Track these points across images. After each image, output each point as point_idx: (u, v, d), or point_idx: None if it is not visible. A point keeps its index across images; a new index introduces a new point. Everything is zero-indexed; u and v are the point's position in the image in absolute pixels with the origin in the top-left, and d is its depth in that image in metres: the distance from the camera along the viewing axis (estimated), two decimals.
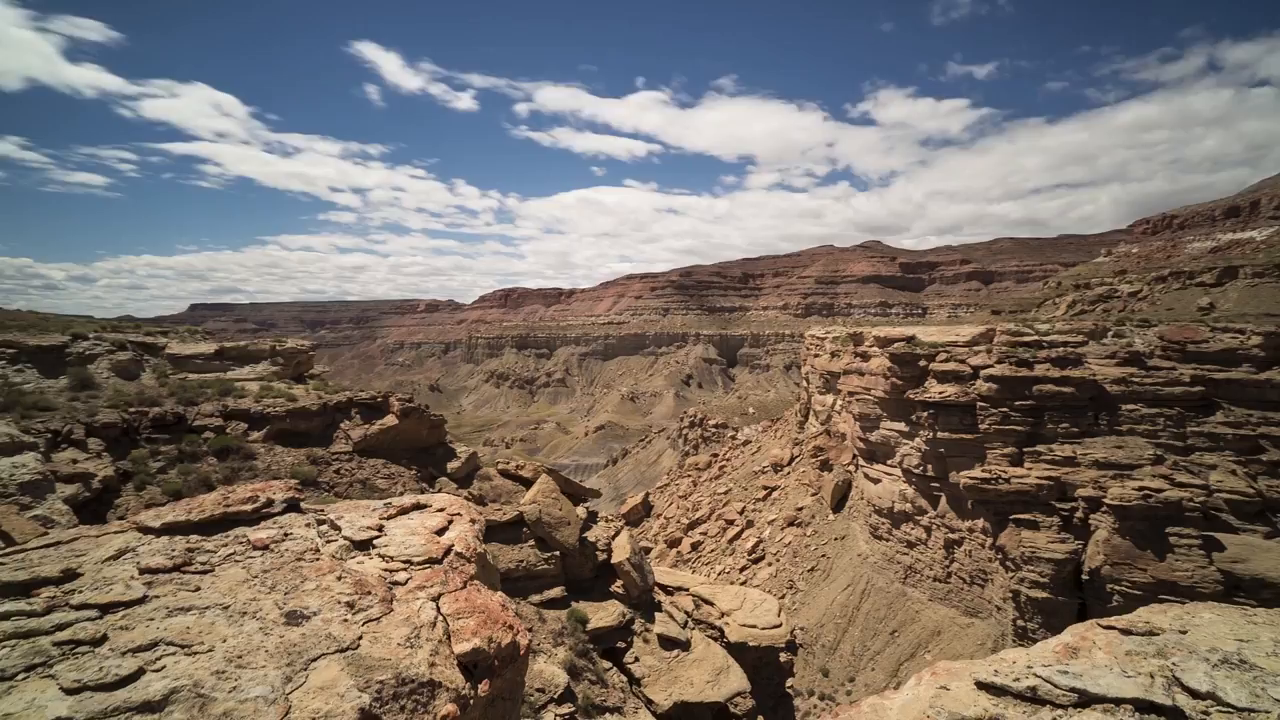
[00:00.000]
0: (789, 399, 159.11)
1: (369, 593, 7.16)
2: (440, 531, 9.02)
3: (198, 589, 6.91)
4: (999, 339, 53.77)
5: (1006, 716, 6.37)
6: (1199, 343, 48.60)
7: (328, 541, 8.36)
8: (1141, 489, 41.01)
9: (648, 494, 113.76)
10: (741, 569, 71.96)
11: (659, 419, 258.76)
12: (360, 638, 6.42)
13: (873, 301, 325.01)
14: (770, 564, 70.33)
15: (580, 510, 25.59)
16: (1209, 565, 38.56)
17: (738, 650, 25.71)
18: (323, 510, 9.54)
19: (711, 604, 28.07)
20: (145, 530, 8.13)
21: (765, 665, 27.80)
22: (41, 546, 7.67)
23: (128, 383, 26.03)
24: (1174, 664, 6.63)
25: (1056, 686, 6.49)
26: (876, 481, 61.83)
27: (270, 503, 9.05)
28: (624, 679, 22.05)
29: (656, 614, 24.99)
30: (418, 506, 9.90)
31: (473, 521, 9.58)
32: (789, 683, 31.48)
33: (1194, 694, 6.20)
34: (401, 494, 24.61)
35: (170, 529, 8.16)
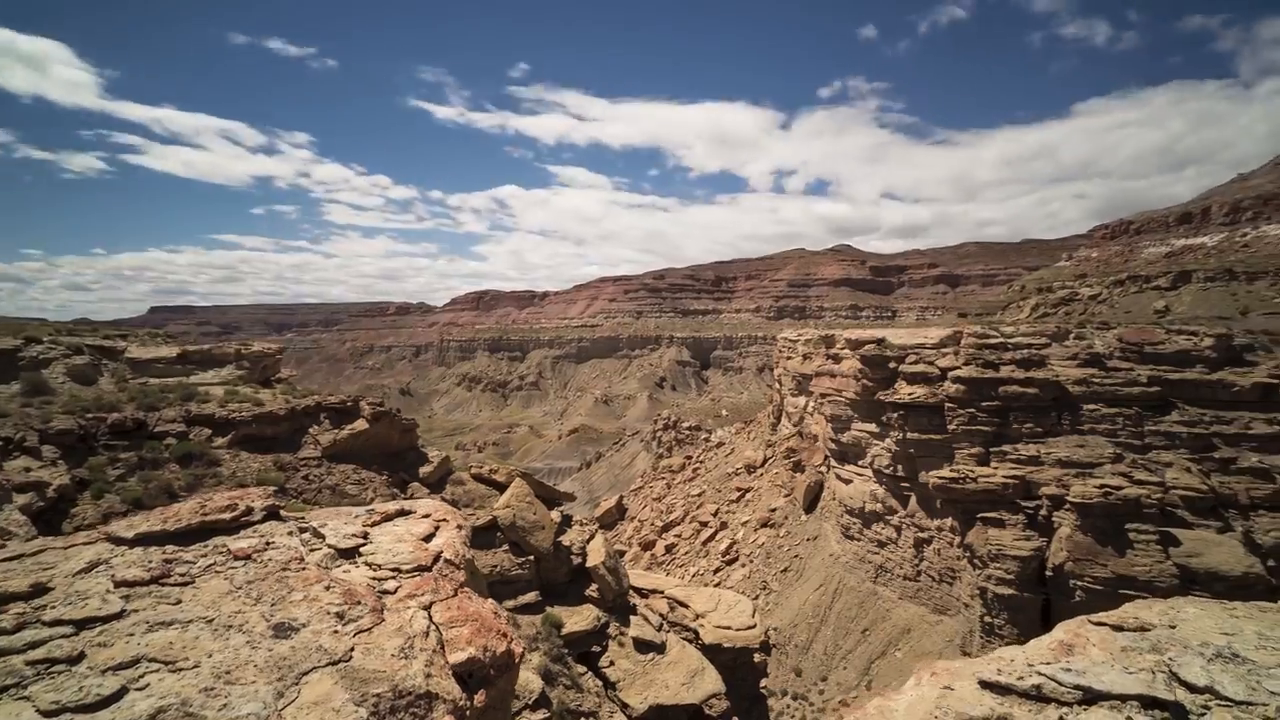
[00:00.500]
0: (762, 401, 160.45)
1: (359, 602, 7.01)
2: (428, 538, 8.90)
3: (179, 602, 6.69)
4: (966, 341, 54.98)
5: (1014, 715, 6.40)
6: (1155, 344, 50.36)
7: (312, 550, 8.18)
8: (1102, 487, 42.25)
9: (622, 497, 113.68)
10: (715, 570, 72.32)
11: (633, 422, 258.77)
12: (352, 649, 6.28)
13: (843, 304, 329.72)
14: (744, 565, 70.81)
15: (555, 514, 25.46)
16: (1166, 560, 39.88)
17: (713, 652, 25.79)
18: (304, 517, 9.32)
19: (686, 606, 28.11)
20: (118, 541, 7.84)
21: (740, 666, 27.93)
22: (4, 560, 7.35)
23: (85, 388, 25.15)
24: (1170, 659, 6.76)
25: (1061, 684, 6.54)
26: (848, 482, 62.69)
27: (250, 511, 8.80)
28: (599, 683, 21.98)
29: (632, 617, 24.96)
30: (402, 513, 9.77)
31: (459, 527, 9.47)
32: (763, 683, 31.66)
33: (1192, 688, 6.31)
34: (372, 499, 24.24)
35: (145, 539, 7.88)
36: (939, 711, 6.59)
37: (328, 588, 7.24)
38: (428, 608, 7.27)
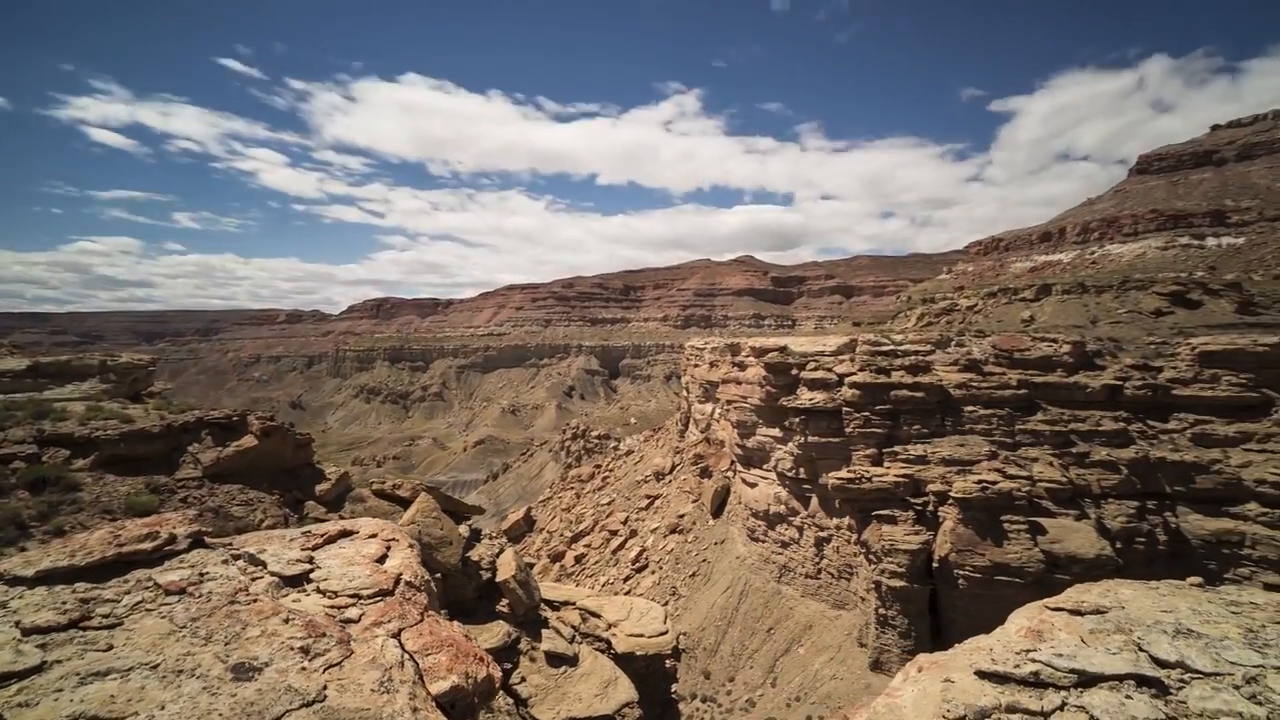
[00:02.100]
0: (670, 408, 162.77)
1: (323, 634, 6.39)
2: (381, 559, 8.30)
3: (110, 647, 5.83)
4: (861, 349, 58.15)
5: (1020, 702, 6.51)
6: (1023, 351, 55.31)
7: (254, 579, 7.41)
8: (980, 482, 45.72)
9: (530, 508, 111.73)
10: (626, 579, 72.34)
11: (541, 431, 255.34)
12: (325, 687, 5.68)
13: (747, 313, 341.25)
14: (653, 572, 71.25)
15: (463, 529, 24.48)
16: (1034, 547, 43.64)
17: (625, 660, 25.64)
18: (231, 543, 8.45)
19: (598, 616, 27.83)
20: (14, 581, 6.74)
21: (652, 673, 27.94)
22: None
23: None
24: (1139, 638, 7.14)
25: (1057, 669, 6.76)
26: (753, 486, 64.55)
27: (173, 539, 7.85)
28: (510, 701, 21.29)
29: (543, 631, 24.39)
30: (345, 533, 9.08)
31: (411, 546, 8.87)
32: (673, 688, 31.87)
33: (1164, 664, 6.69)
34: (262, 521, 22.47)
35: (49, 577, 6.84)
36: (949, 706, 6.63)
37: (286, 620, 6.58)
38: (397, 635, 6.76)
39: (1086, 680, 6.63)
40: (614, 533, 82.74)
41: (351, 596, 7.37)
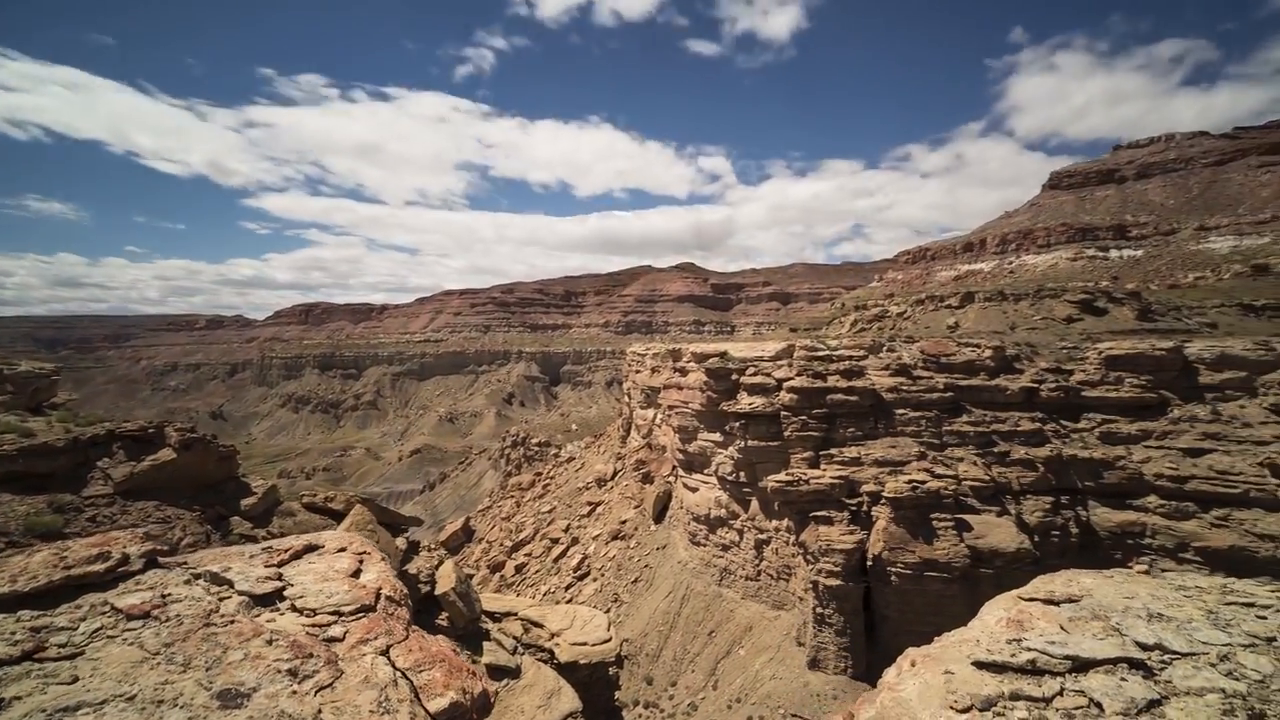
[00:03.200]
0: (611, 415, 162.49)
1: (310, 655, 6.05)
2: (356, 574, 7.93)
3: (76, 679, 5.36)
4: (798, 354, 59.57)
5: (1023, 690, 6.64)
6: (949, 355, 57.88)
7: (221, 599, 6.96)
8: (910, 482, 47.47)
9: (469, 518, 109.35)
10: (567, 587, 71.58)
11: (480, 439, 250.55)
12: (320, 711, 5.40)
13: (687, 319, 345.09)
14: (595, 579, 70.77)
15: (400, 541, 23.63)
16: (960, 543, 45.59)
17: (569, 670, 25.28)
18: (187, 562, 7.91)
19: (541, 626, 27.36)
20: None
21: (596, 682, 27.63)
22: None
23: None
24: (1116, 624, 7.44)
25: (1053, 657, 6.96)
26: (695, 490, 65.07)
27: (125, 559, 7.27)
28: None
29: (484, 644, 23.75)
30: (311, 548, 8.65)
31: (384, 559, 8.46)
32: (617, 695, 31.63)
33: (1144, 646, 7.00)
34: (182, 539, 21.18)
35: None
36: (954, 697, 6.72)
37: (270, 641, 6.21)
38: (385, 652, 6.48)
39: (1080, 666, 6.88)
40: (555, 541, 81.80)
41: (332, 614, 7.08)
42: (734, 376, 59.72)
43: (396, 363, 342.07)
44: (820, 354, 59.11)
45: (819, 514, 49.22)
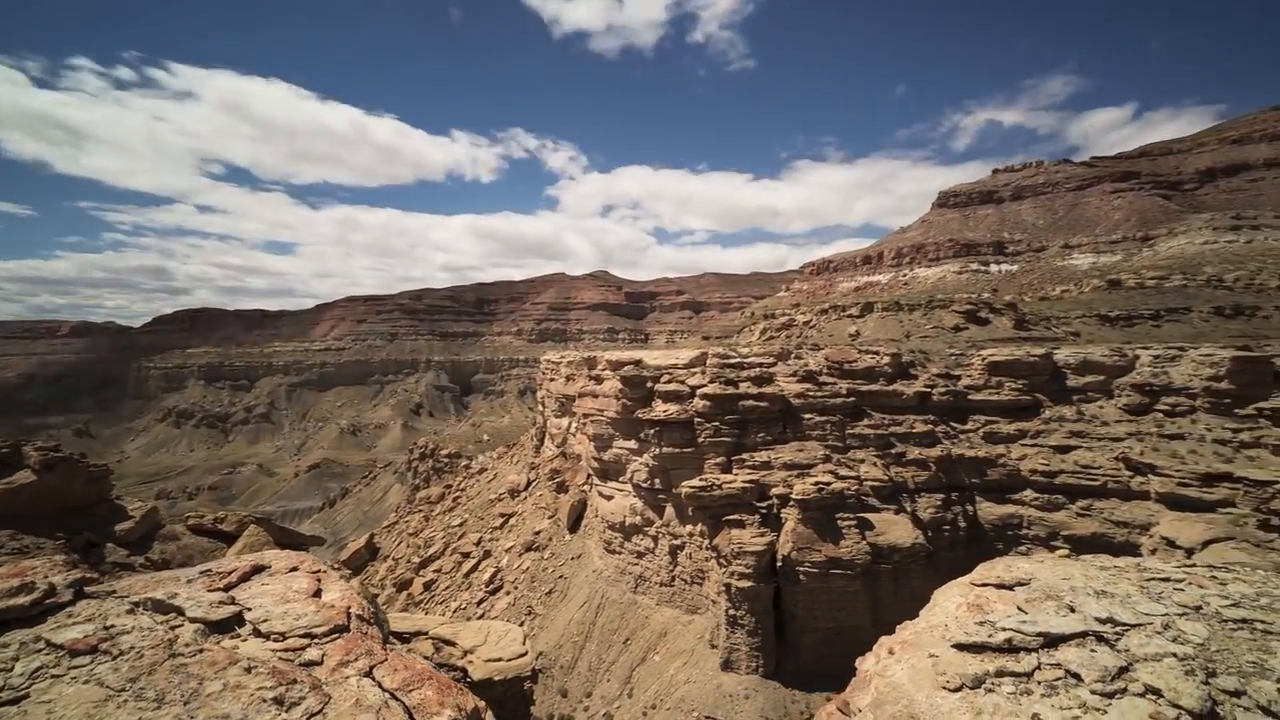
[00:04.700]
0: (525, 424, 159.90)
1: (294, 681, 5.66)
2: (317, 594, 7.52)
3: None
4: (711, 362, 60.82)
5: (1008, 667, 6.99)
6: (851, 363, 60.87)
7: (173, 628, 6.45)
8: (817, 484, 49.41)
9: (373, 535, 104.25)
10: (479, 602, 69.46)
11: (385, 452, 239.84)
12: None
13: (601, 327, 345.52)
14: (509, 592, 69.09)
15: None
16: (862, 541, 47.86)
17: (483, 688, 24.35)
18: (115, 590, 7.26)
19: (453, 644, 26.28)
20: None
21: (510, 698, 26.82)
22: None
23: None
24: (1070, 602, 7.95)
25: (1026, 635, 7.36)
26: (610, 498, 64.92)
27: (52, 589, 6.65)
28: None
29: None
30: (258, 569, 8.17)
31: (344, 577, 7.88)
32: (531, 710, 30.89)
33: (1100, 620, 7.54)
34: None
35: None
36: (946, 678, 7.01)
37: (249, 669, 5.77)
38: (370, 673, 6.15)
39: (1051, 641, 7.34)
40: (466, 555, 79.28)
41: (304, 636, 6.68)
42: (649, 384, 60.18)
43: (294, 372, 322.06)
44: (732, 362, 60.62)
45: (731, 518, 50.26)
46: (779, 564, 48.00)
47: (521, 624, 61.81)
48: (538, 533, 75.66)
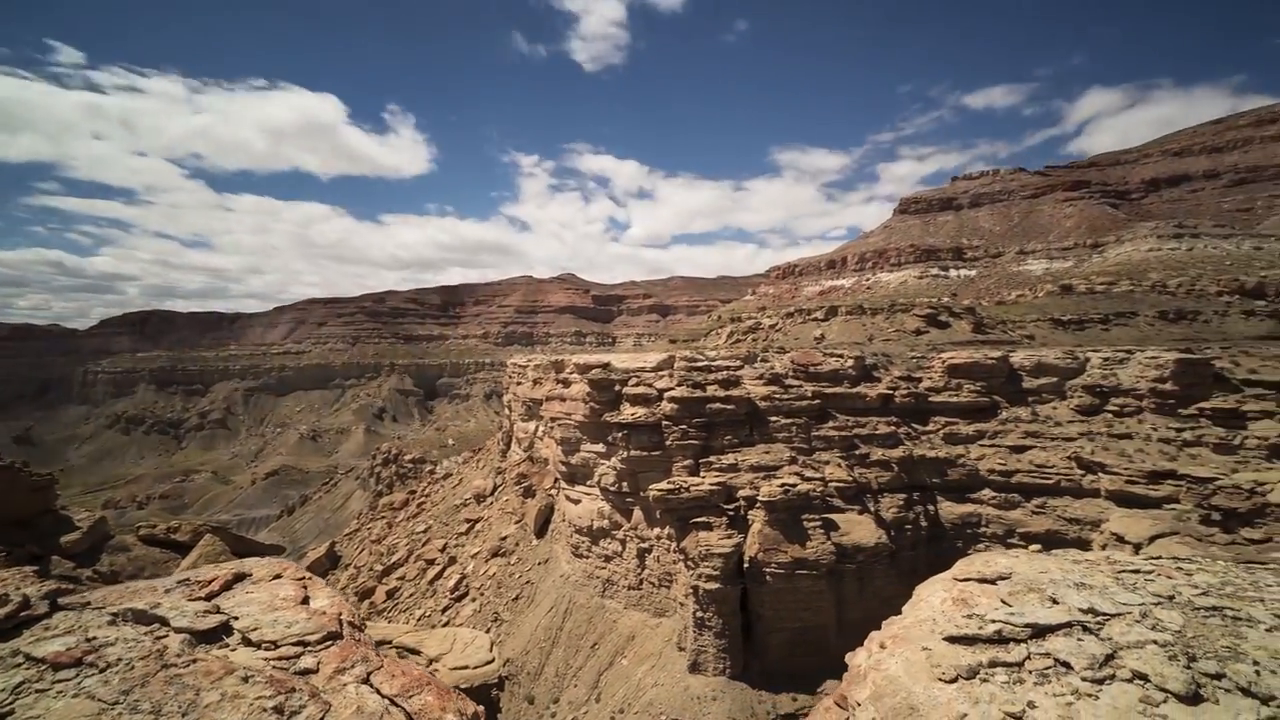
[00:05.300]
0: (491, 428, 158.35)
1: (293, 690, 5.54)
2: (305, 601, 7.36)
3: None
4: (678, 365, 61.01)
5: (1000, 657, 7.15)
6: (816, 365, 61.70)
7: (158, 639, 6.23)
8: (783, 485, 49.89)
9: (334, 543, 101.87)
10: (444, 609, 68.38)
11: (347, 458, 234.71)
12: None
13: (569, 331, 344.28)
14: (474, 599, 68.16)
15: None
16: (827, 541, 48.48)
17: None
18: (89, 602, 6.96)
19: (419, 652, 25.76)
20: None
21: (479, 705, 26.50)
22: None
23: None
24: (1051, 594, 8.13)
25: (1015, 626, 7.53)
26: (577, 502, 64.58)
27: (26, 601, 6.33)
28: None
29: None
30: (239, 577, 7.98)
31: (327, 584, 7.68)
32: (498, 718, 30.50)
33: (1082, 611, 7.73)
34: None
35: None
36: (941, 670, 7.16)
37: (246, 679, 5.65)
38: (367, 680, 6.08)
39: (1039, 632, 7.53)
40: (431, 562, 77.99)
41: (297, 644, 6.55)
42: (617, 387, 60.08)
43: (250, 377, 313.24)
44: (700, 365, 60.91)
45: (699, 520, 50.40)
46: (746, 565, 48.29)
47: (488, 631, 61.04)
48: (504, 538, 74.84)
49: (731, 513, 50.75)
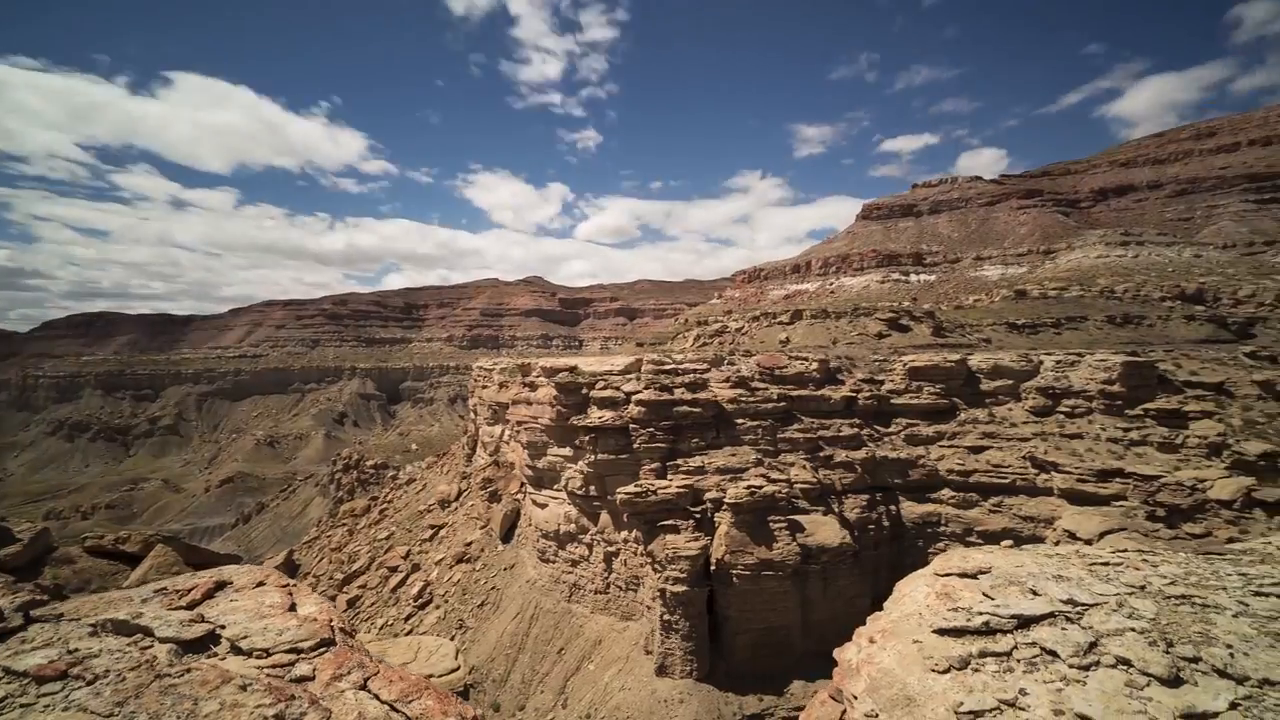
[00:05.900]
0: (456, 432, 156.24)
1: (293, 697, 5.48)
2: (293, 608, 7.30)
3: None
4: (645, 368, 61.11)
5: (989, 648, 7.38)
6: (782, 369, 62.44)
7: (144, 649, 6.13)
8: (749, 487, 50.31)
9: (292, 551, 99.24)
10: (407, 618, 67.07)
11: (306, 464, 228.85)
12: None
13: (535, 334, 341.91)
14: (438, 606, 67.03)
15: None
16: (793, 542, 49.02)
17: None
18: (61, 613, 6.83)
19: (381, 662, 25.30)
20: None
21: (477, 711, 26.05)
22: None
23: None
24: (1031, 587, 8.41)
25: (1002, 617, 7.77)
26: (544, 506, 64.07)
27: (0, 615, 6.30)
28: None
29: None
30: (220, 585, 7.98)
31: (311, 589, 7.51)
32: None
33: (1062, 601, 8.03)
34: None
35: None
36: (933, 661, 7.33)
37: (243, 687, 5.56)
38: (365, 686, 6.02)
39: (1024, 622, 7.79)
40: (394, 569, 76.46)
41: (290, 651, 6.48)
42: (584, 391, 59.83)
43: (204, 381, 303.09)
44: (666, 368, 61.09)
45: (666, 523, 50.49)
46: (713, 568, 48.53)
47: (452, 638, 60.02)
48: (469, 544, 73.79)
49: (699, 515, 50.96)
